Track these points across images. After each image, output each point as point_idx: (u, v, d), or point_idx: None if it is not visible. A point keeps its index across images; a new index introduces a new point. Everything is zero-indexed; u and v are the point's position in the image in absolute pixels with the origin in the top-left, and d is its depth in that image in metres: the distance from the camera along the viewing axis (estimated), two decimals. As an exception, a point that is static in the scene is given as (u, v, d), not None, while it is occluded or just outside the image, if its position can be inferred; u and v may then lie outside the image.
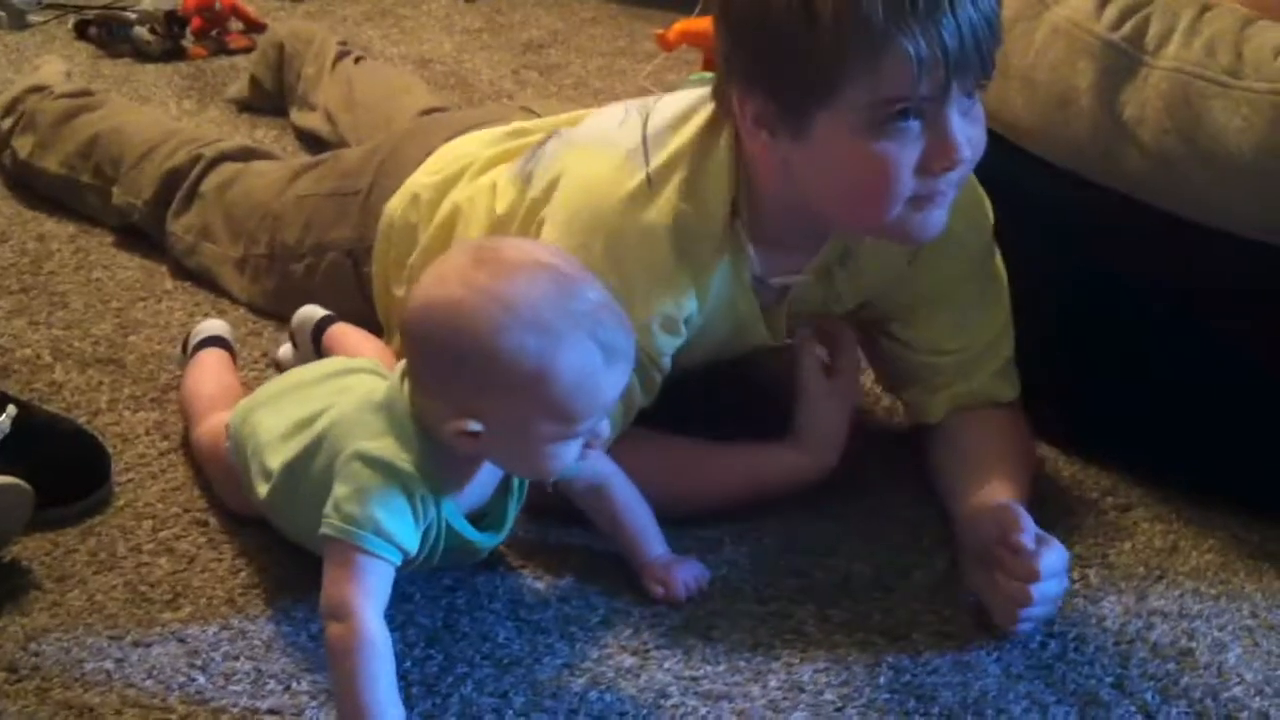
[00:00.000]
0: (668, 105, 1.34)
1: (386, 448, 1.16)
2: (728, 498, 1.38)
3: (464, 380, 1.13)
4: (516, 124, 1.55)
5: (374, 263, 1.54)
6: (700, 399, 1.42)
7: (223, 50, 2.47)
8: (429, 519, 1.18)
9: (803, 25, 1.15)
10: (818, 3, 1.14)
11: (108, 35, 2.47)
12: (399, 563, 1.15)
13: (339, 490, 1.15)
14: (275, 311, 1.65)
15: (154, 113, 2.12)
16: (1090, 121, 1.41)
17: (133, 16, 2.45)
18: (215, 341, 1.51)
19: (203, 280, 1.75)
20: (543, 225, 1.32)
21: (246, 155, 1.82)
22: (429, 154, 1.55)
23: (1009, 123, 1.49)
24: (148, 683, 1.19)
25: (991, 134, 1.48)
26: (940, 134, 1.18)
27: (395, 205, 1.53)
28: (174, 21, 2.45)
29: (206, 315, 1.65)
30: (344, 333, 1.48)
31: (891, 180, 1.19)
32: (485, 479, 1.23)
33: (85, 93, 1.99)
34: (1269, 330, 1.36)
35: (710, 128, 1.29)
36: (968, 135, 1.20)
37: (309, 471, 1.21)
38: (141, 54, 2.43)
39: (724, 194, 1.28)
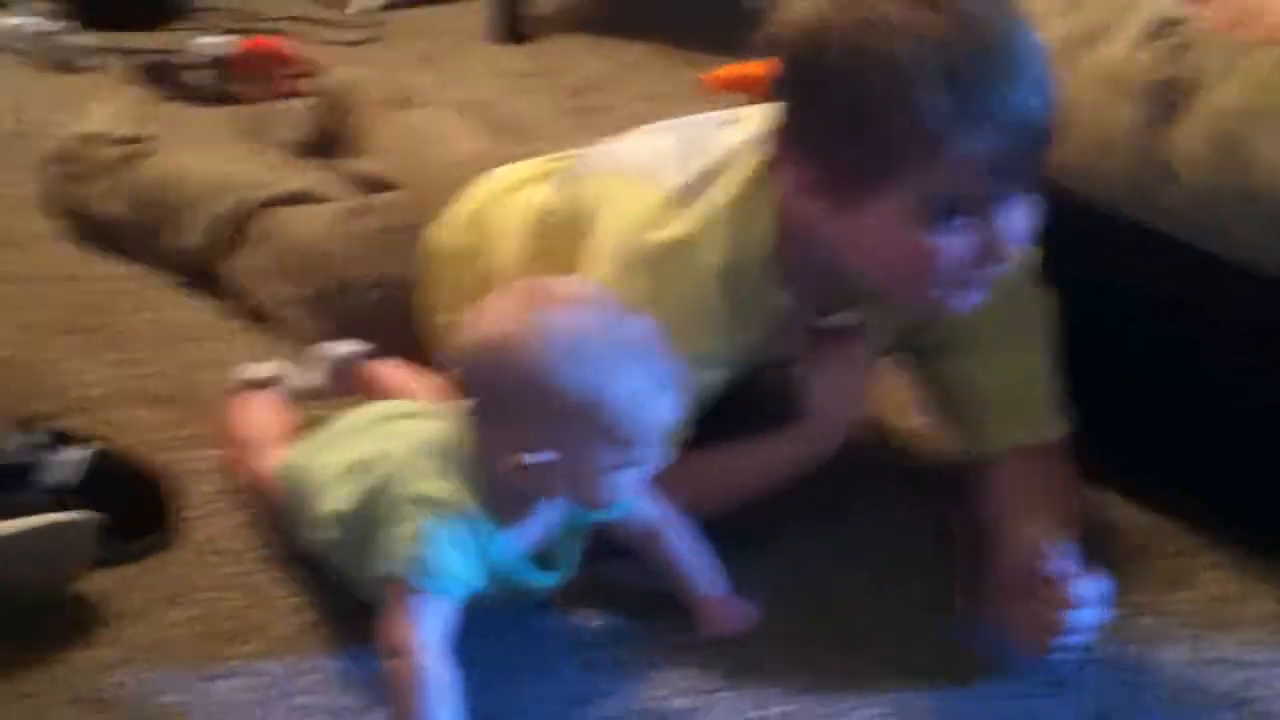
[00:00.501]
0: (717, 145, 1.35)
1: (444, 489, 1.18)
2: (747, 495, 1.38)
3: (520, 415, 1.16)
4: (556, 154, 1.58)
5: (420, 293, 1.57)
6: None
7: (274, 94, 2.50)
8: (487, 559, 1.19)
9: (872, 115, 1.17)
10: (885, 91, 1.16)
11: (160, 78, 2.51)
12: (457, 601, 1.17)
13: (396, 531, 1.17)
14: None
15: (209, 156, 2.14)
16: (1129, 162, 1.42)
17: (186, 60, 2.49)
18: (265, 383, 1.54)
19: (264, 320, 1.77)
20: (585, 255, 1.33)
21: (300, 198, 1.85)
22: (468, 184, 1.58)
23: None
24: (220, 717, 1.20)
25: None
26: (991, 232, 1.21)
27: (437, 234, 1.57)
28: (226, 65, 2.49)
29: (267, 355, 1.67)
30: (387, 370, 1.50)
31: (935, 271, 1.22)
32: (546, 519, 1.25)
33: (137, 139, 2.02)
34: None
35: (757, 176, 1.31)
36: (1020, 230, 1.23)
37: (368, 518, 1.23)
38: (194, 97, 2.47)
39: (767, 242, 1.30)
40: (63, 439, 1.42)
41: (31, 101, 2.39)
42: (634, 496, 1.27)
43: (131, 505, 1.40)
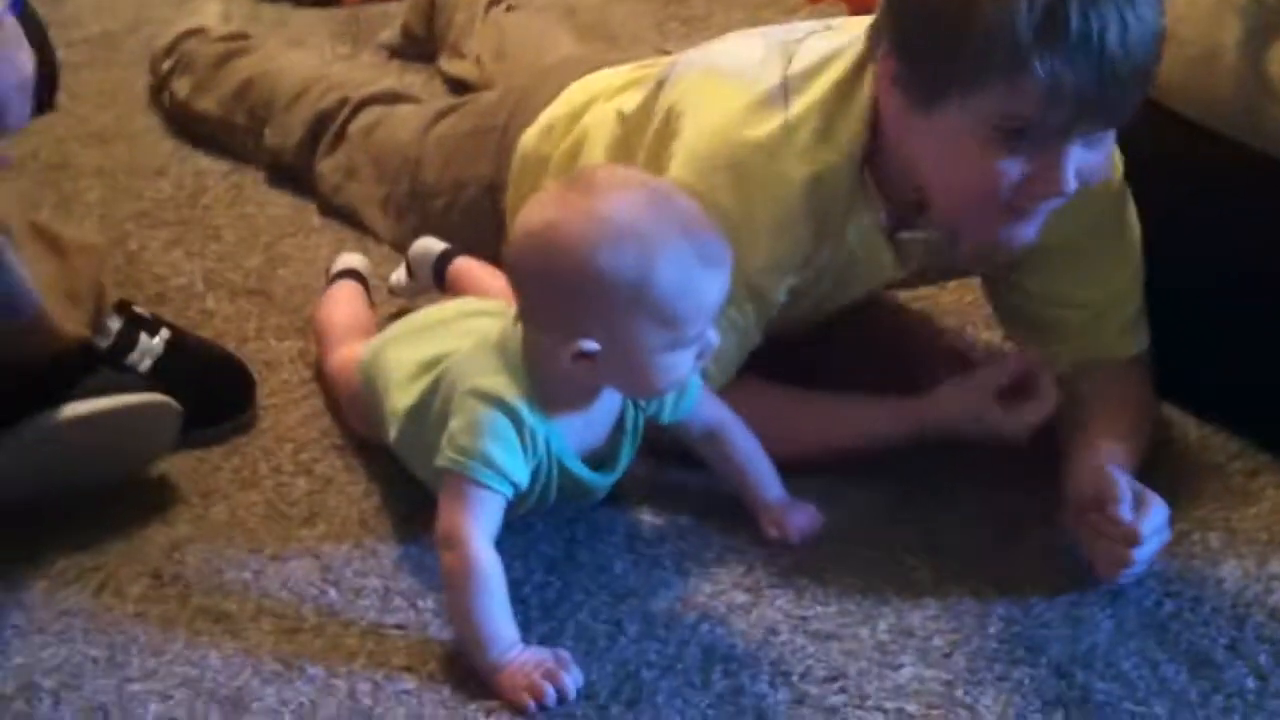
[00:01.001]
0: (811, 49, 1.34)
1: (499, 384, 1.20)
2: (828, 448, 1.38)
3: (570, 302, 1.16)
4: (652, 59, 1.58)
5: (508, 195, 1.58)
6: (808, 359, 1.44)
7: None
8: (539, 455, 1.21)
9: (961, 20, 1.16)
10: (979, 5, 1.15)
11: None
12: (510, 495, 1.19)
13: (453, 424, 1.20)
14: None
15: (306, 57, 2.18)
16: (1235, 79, 1.39)
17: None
18: (352, 274, 1.57)
19: (349, 218, 1.80)
20: (672, 154, 1.33)
21: (392, 99, 1.86)
22: (563, 89, 1.58)
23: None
24: (283, 594, 1.25)
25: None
26: (1051, 163, 1.20)
27: (529, 137, 1.57)
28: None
29: (350, 251, 1.70)
30: (469, 268, 1.52)
31: (987, 188, 1.21)
32: (600, 417, 1.26)
33: (241, 36, 2.06)
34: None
35: (853, 75, 1.29)
36: (1082, 166, 1.21)
37: (430, 413, 1.25)
38: (297, -1, 2.50)
39: (859, 142, 1.29)
40: (152, 326, 1.46)
41: (146, 3, 2.44)
42: (693, 398, 1.28)
43: (212, 392, 1.45)
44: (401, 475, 1.35)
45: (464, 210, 1.65)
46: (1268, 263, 1.40)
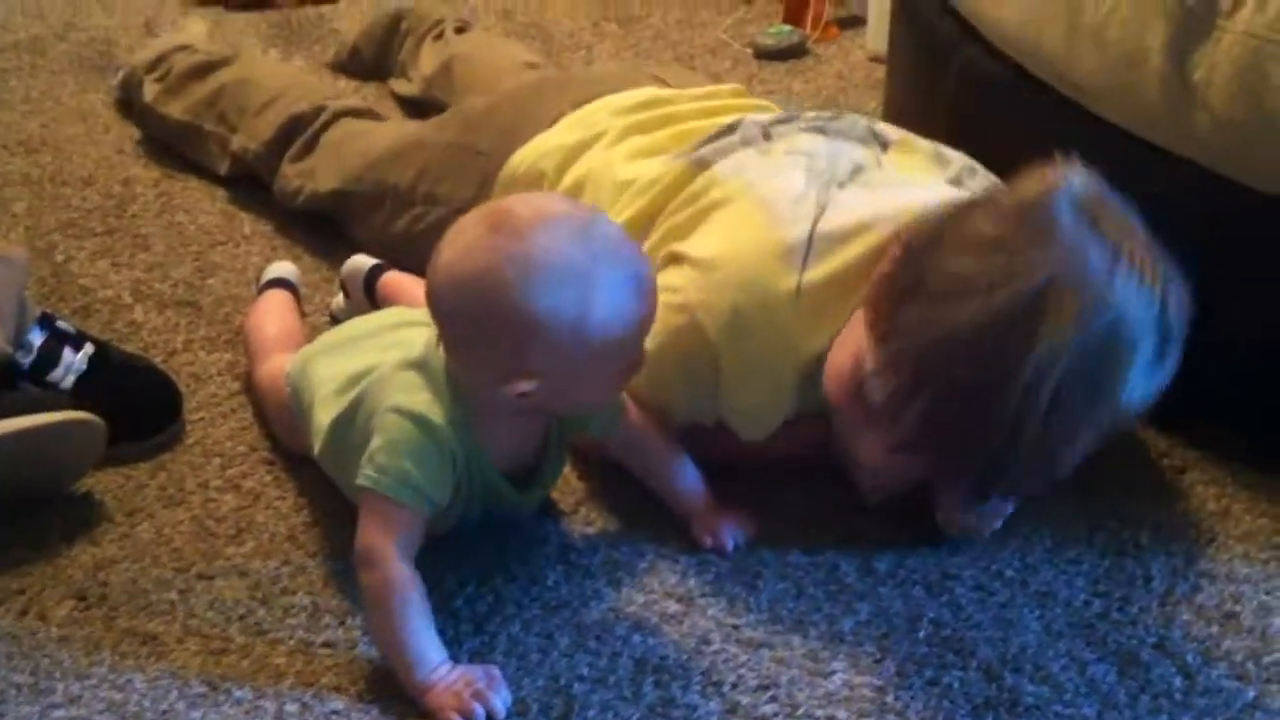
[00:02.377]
0: (846, 206, 1.30)
1: (420, 402, 1.18)
2: (754, 455, 1.37)
3: (510, 347, 1.15)
4: (650, 92, 1.56)
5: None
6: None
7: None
8: (460, 473, 1.20)
9: None
10: None
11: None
12: (428, 513, 1.18)
13: (374, 442, 1.19)
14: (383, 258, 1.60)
15: (286, 67, 2.15)
16: (1160, 83, 1.40)
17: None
18: (282, 283, 1.56)
19: (283, 227, 1.78)
20: (691, 255, 1.31)
21: (371, 115, 1.83)
22: (557, 117, 1.55)
23: (1077, 83, 1.48)
24: (209, 613, 1.24)
25: (1061, 99, 1.48)
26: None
27: (519, 163, 1.53)
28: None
29: (281, 260, 1.69)
30: (399, 280, 1.50)
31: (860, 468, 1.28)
32: (527, 435, 1.25)
33: (226, 57, 1.99)
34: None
35: (871, 259, 1.25)
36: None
37: (353, 429, 1.24)
38: (230, 0, 2.47)
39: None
40: (76, 340, 1.44)
41: (76, 7, 2.42)
42: (617, 414, 1.28)
43: (138, 407, 1.43)
44: (331, 489, 1.33)
45: (434, 226, 1.56)
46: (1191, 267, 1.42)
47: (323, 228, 1.76)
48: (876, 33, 2.30)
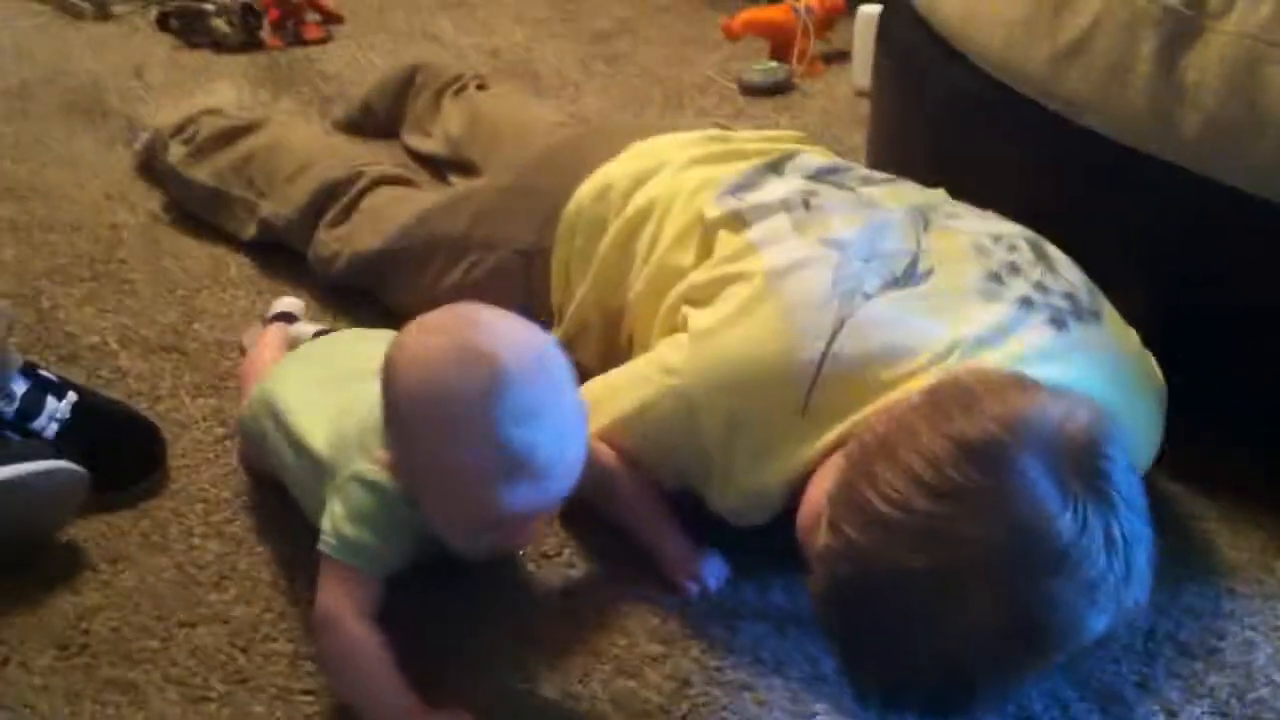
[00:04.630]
0: (866, 329, 1.25)
1: (380, 473, 1.18)
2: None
3: (458, 484, 1.13)
4: (714, 130, 1.56)
5: (555, 251, 1.52)
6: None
7: (299, 41, 2.52)
8: (419, 536, 1.19)
9: None
10: None
11: (187, 26, 2.53)
12: (383, 575, 1.19)
13: (335, 509, 1.19)
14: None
15: (317, 132, 2.12)
16: (1149, 89, 1.40)
17: (211, 8, 2.51)
18: (287, 318, 1.58)
19: (270, 271, 1.77)
20: (702, 330, 1.30)
21: (408, 182, 1.80)
22: (616, 150, 1.53)
23: (1066, 98, 1.48)
24: (190, 662, 1.24)
25: (1048, 113, 1.48)
26: None
27: (585, 193, 1.51)
28: (251, 13, 2.50)
29: (272, 300, 1.68)
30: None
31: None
32: None
33: (255, 122, 1.96)
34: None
35: (880, 390, 1.22)
36: None
37: (322, 479, 1.23)
38: (219, 45, 2.49)
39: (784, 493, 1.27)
40: (59, 388, 1.45)
41: (66, 53, 2.43)
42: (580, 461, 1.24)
43: (121, 454, 1.43)
44: (315, 535, 1.33)
45: (491, 271, 1.57)
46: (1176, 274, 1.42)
47: (312, 273, 1.75)
48: (861, 68, 2.31)
